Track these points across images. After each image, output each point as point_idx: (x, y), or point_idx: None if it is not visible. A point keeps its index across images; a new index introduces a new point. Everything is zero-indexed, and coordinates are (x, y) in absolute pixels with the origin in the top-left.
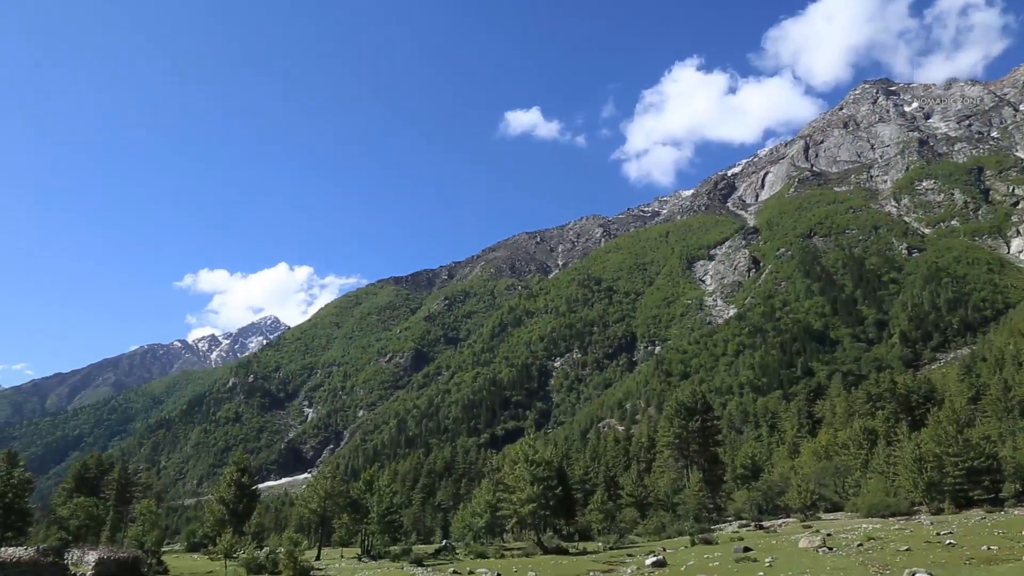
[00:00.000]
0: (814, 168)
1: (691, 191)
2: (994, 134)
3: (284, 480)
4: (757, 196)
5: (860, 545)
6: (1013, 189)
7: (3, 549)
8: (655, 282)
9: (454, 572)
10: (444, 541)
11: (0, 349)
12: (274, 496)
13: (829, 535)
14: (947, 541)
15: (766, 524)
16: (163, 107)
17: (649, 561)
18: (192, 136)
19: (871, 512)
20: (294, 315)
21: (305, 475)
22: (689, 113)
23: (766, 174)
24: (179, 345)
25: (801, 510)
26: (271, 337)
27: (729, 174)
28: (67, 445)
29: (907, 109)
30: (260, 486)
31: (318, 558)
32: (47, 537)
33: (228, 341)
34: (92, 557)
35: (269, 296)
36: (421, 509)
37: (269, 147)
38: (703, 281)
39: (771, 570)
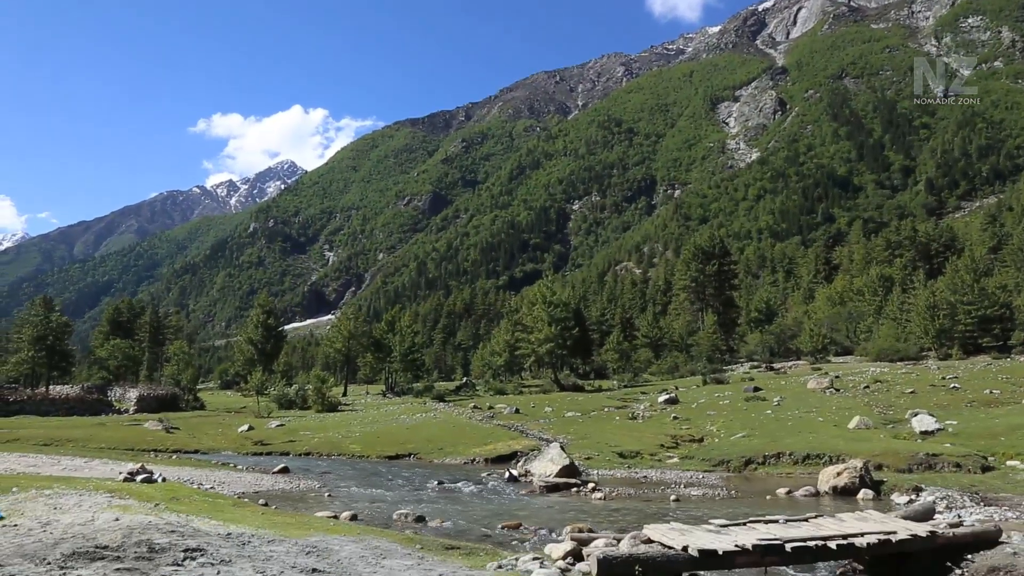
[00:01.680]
0: (851, 3)
1: (718, 27)
2: None
3: (309, 321)
4: (788, 33)
5: (866, 387)
6: None
7: (52, 387)
8: (677, 124)
9: (474, 407)
10: (465, 379)
11: (24, 199)
12: (300, 337)
13: (837, 377)
14: (951, 385)
15: (777, 366)
16: None
17: (662, 398)
18: None
19: (880, 357)
20: (311, 159)
21: (329, 316)
22: None
23: (799, 9)
24: (198, 191)
25: (812, 353)
26: (289, 181)
27: (760, 9)
28: (98, 290)
29: None
30: (286, 327)
31: (345, 394)
32: (90, 376)
33: (246, 186)
34: (133, 394)
35: (285, 139)
36: (442, 348)
37: None
38: (726, 123)
39: (779, 409)
